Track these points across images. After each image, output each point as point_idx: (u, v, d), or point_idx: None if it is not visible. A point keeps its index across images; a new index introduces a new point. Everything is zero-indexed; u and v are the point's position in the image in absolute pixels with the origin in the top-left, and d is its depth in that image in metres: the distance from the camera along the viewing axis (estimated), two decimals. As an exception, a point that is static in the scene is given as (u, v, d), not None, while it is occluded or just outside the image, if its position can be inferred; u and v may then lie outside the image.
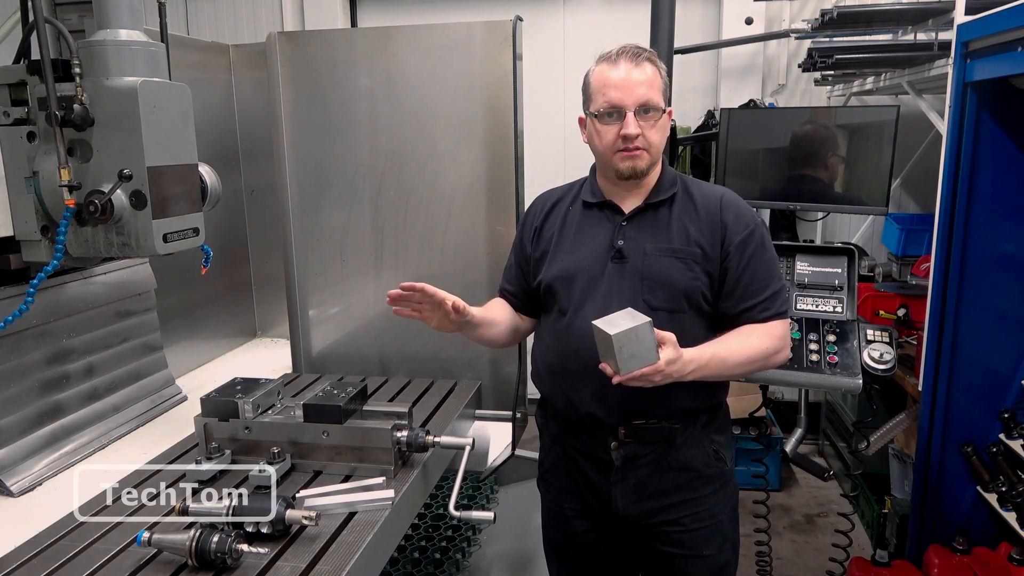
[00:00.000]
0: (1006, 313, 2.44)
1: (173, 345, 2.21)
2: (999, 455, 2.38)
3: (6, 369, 1.60)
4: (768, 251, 1.62)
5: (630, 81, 1.53)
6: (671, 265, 1.58)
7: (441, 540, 2.23)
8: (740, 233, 1.58)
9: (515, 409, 2.10)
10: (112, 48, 1.43)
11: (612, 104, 1.54)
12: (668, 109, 1.60)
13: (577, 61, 4.67)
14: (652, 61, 1.56)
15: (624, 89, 1.53)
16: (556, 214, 1.73)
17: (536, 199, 1.81)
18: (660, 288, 1.58)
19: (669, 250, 1.59)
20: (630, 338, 1.35)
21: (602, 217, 1.66)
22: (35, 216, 1.51)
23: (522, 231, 1.79)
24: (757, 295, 1.60)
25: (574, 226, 1.69)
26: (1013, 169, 2.32)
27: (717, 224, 1.59)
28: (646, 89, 1.53)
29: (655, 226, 1.62)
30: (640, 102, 1.53)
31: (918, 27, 2.95)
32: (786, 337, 1.64)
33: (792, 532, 3.55)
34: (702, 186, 1.67)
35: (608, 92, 1.54)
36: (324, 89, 2.15)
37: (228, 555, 1.14)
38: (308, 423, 1.49)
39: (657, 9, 3.13)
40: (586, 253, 1.64)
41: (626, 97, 1.53)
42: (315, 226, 2.24)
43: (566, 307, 1.64)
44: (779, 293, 1.63)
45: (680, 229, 1.60)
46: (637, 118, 1.53)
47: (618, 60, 1.55)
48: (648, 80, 1.54)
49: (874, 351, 2.43)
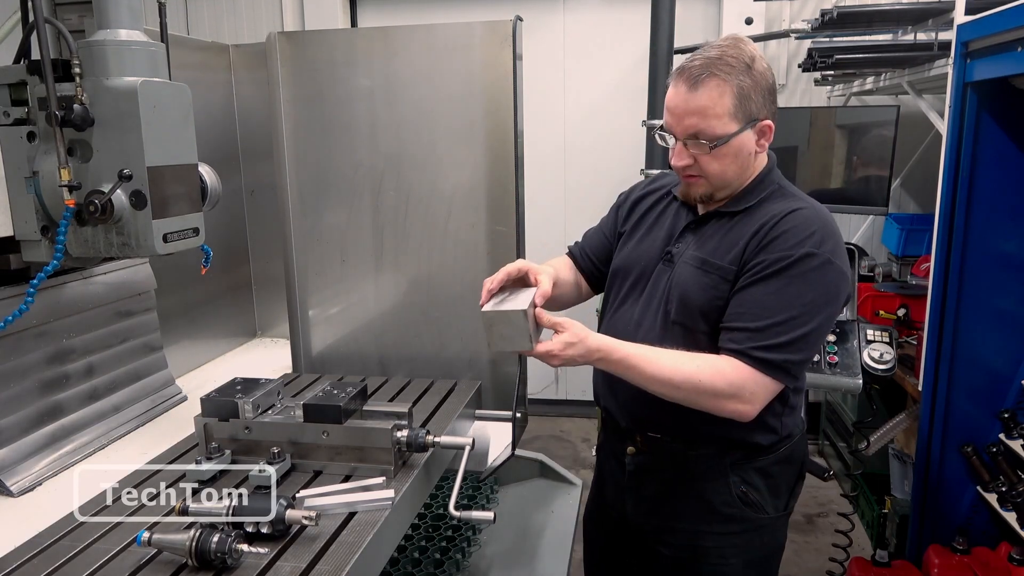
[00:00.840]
0: (1006, 313, 2.44)
1: (173, 345, 2.20)
2: (999, 455, 2.38)
3: (6, 369, 1.60)
4: (799, 286, 1.33)
5: (681, 108, 1.39)
6: (695, 278, 1.45)
7: (441, 540, 2.23)
8: (774, 252, 1.36)
9: (515, 409, 2.09)
10: (112, 48, 1.42)
11: (667, 128, 1.43)
12: (740, 131, 1.38)
13: (577, 61, 4.67)
14: (717, 77, 1.35)
15: (675, 115, 1.40)
16: (651, 198, 1.65)
17: (646, 178, 1.74)
18: (677, 301, 1.46)
19: (700, 260, 1.45)
20: (500, 320, 1.36)
21: (677, 215, 1.56)
22: (35, 216, 1.51)
23: (621, 203, 1.72)
24: (739, 319, 1.37)
25: (653, 218, 1.61)
26: (1013, 169, 2.33)
27: (760, 239, 1.39)
28: (698, 119, 1.37)
29: (712, 235, 1.47)
30: (689, 132, 1.39)
31: (918, 27, 2.95)
32: (746, 390, 1.34)
33: (792, 532, 3.54)
34: (786, 200, 1.45)
35: (665, 114, 1.43)
36: (324, 89, 2.15)
37: (228, 555, 1.14)
38: (308, 423, 1.48)
39: (657, 9, 3.14)
40: (646, 248, 1.58)
41: (675, 124, 1.41)
42: (315, 226, 2.24)
43: (613, 300, 1.62)
44: (774, 333, 1.33)
45: (730, 242, 1.43)
46: (689, 146, 1.40)
47: (677, 80, 1.39)
48: (703, 107, 1.36)
49: (874, 351, 2.43)
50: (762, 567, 1.62)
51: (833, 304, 1.38)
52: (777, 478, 1.56)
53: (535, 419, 4.74)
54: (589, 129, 4.68)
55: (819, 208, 1.44)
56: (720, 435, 1.49)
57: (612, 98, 4.60)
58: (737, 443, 1.50)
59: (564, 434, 4.73)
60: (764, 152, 1.49)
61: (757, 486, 1.53)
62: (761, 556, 1.59)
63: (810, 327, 1.35)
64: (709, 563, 1.56)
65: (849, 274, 1.43)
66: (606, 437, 1.75)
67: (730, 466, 1.52)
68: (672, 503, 1.58)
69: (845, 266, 1.40)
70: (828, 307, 1.37)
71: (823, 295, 1.35)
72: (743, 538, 1.55)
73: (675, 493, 1.57)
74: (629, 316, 1.56)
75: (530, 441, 4.47)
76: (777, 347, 1.34)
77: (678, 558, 1.60)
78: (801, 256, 1.34)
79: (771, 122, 1.44)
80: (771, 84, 1.43)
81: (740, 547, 1.55)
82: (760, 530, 1.56)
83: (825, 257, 1.35)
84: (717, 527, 1.54)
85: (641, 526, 1.64)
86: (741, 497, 1.53)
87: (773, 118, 1.45)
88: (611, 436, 1.70)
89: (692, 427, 1.49)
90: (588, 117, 4.66)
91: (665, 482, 1.58)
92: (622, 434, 1.63)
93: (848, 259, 1.45)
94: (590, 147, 4.69)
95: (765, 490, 1.54)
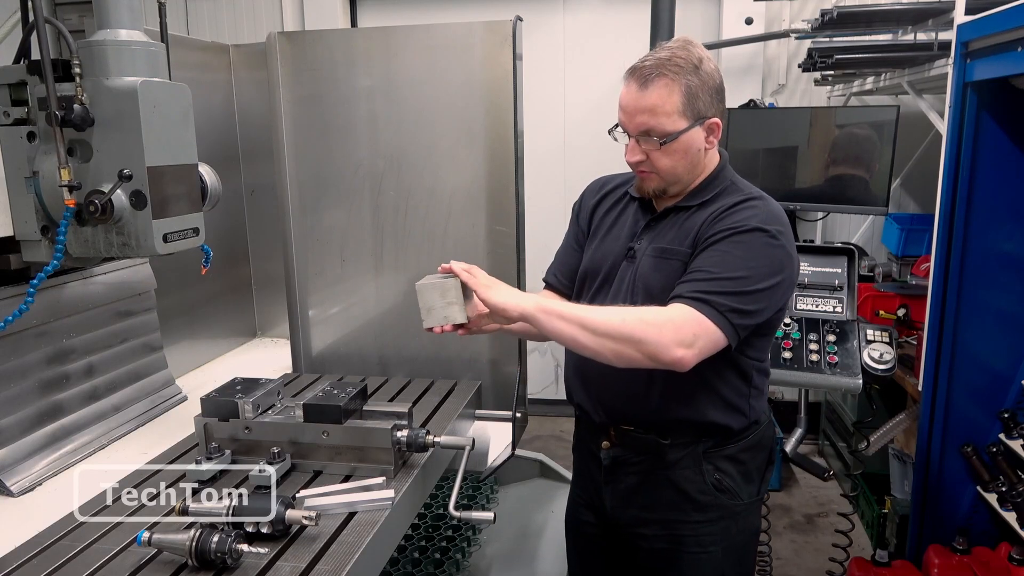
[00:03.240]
0: (1006, 313, 2.44)
1: (173, 345, 2.21)
2: (999, 455, 2.38)
3: (6, 369, 1.60)
4: (745, 251, 1.39)
5: (633, 106, 1.46)
6: (656, 267, 1.52)
7: (441, 540, 2.23)
8: (724, 224, 1.44)
9: (515, 409, 2.09)
10: (112, 48, 1.42)
11: (620, 124, 1.51)
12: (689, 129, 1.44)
13: (577, 61, 4.66)
14: (667, 76, 1.42)
15: (627, 113, 1.47)
16: (608, 200, 1.70)
17: (593, 181, 1.77)
18: (642, 291, 1.52)
19: (660, 250, 1.53)
20: (431, 291, 1.45)
21: (636, 214, 1.62)
22: (35, 216, 1.51)
23: (578, 212, 1.76)
24: (687, 278, 1.42)
25: (613, 218, 1.66)
26: (1013, 169, 2.32)
27: (712, 219, 1.47)
28: (648, 116, 1.44)
29: (670, 227, 1.54)
30: (640, 130, 1.46)
31: (918, 27, 2.95)
32: (687, 331, 1.33)
33: (792, 532, 3.55)
34: (741, 194, 1.51)
35: (619, 112, 1.50)
36: (324, 89, 2.15)
37: (228, 555, 1.14)
38: (308, 423, 1.49)
39: (657, 9, 3.14)
40: (609, 247, 1.62)
41: (628, 122, 1.48)
42: (315, 226, 2.24)
43: (583, 301, 1.64)
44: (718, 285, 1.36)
45: (687, 230, 1.50)
46: (641, 143, 1.47)
47: (629, 80, 1.47)
48: (653, 106, 1.43)
49: (874, 351, 2.43)
50: (740, 552, 1.66)
51: (778, 276, 1.41)
52: (748, 464, 1.61)
53: (535, 419, 4.74)
54: (589, 129, 4.66)
55: (772, 202, 1.51)
56: (692, 421, 1.54)
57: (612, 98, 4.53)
58: (708, 428, 1.55)
59: (564, 434, 4.73)
60: (714, 149, 1.55)
61: (730, 473, 1.59)
62: (739, 542, 1.64)
63: (754, 287, 1.39)
64: (689, 552, 1.60)
65: (796, 261, 1.49)
66: (580, 434, 1.79)
67: (703, 454, 1.57)
68: (648, 494, 1.62)
69: (793, 252, 1.46)
70: (772, 277, 1.41)
71: (767, 265, 1.40)
72: (719, 525, 1.60)
73: (651, 484, 1.61)
74: None
75: (530, 441, 4.47)
76: (721, 294, 1.37)
77: (658, 549, 1.63)
78: (751, 228, 1.41)
79: (719, 120, 1.51)
80: (719, 84, 1.50)
81: (717, 534, 1.60)
82: (735, 516, 1.61)
83: (774, 234, 1.42)
84: (694, 516, 1.59)
85: (620, 519, 1.67)
86: (715, 484, 1.58)
87: (721, 117, 1.52)
88: (585, 432, 1.74)
89: (664, 416, 1.54)
90: (588, 117, 4.65)
91: (640, 474, 1.62)
92: (595, 429, 1.67)
93: (796, 252, 1.49)
94: (590, 147, 4.68)
95: (738, 476, 1.59)
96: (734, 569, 1.65)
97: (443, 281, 1.46)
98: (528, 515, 2.66)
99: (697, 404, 1.52)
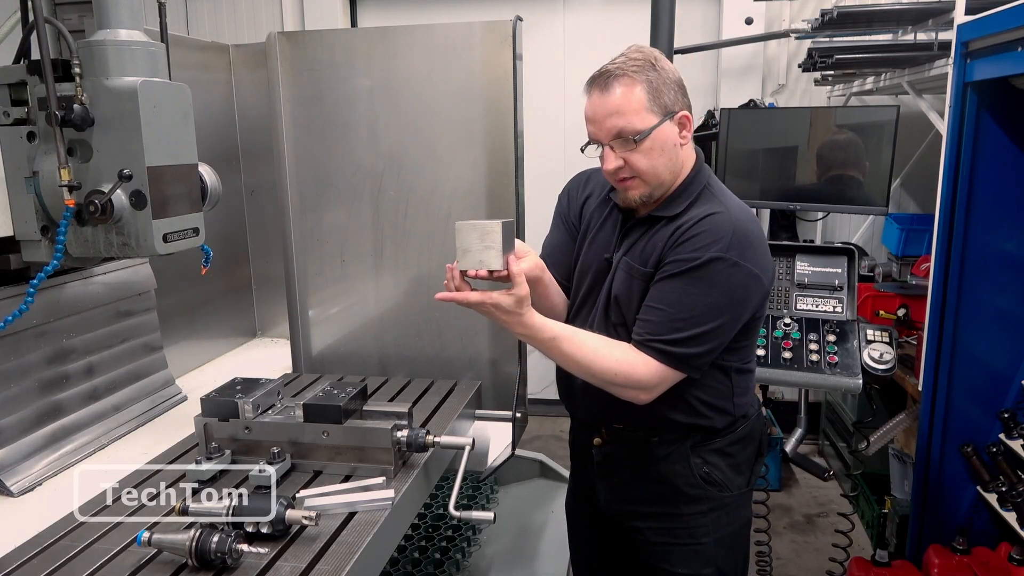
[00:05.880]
0: (1006, 313, 2.44)
1: (173, 345, 2.21)
2: (999, 455, 2.38)
3: (6, 369, 1.60)
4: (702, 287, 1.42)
5: (600, 112, 1.45)
6: (625, 283, 1.54)
7: (441, 540, 2.23)
8: (684, 252, 1.44)
9: (515, 409, 2.09)
10: (112, 48, 1.42)
11: (591, 138, 1.49)
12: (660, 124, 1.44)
13: (577, 61, 4.66)
14: (626, 76, 1.43)
15: (595, 122, 1.46)
16: (594, 199, 1.69)
17: (576, 175, 1.77)
18: (614, 304, 1.56)
19: (629, 266, 1.54)
20: (473, 231, 1.38)
21: (614, 221, 1.63)
22: (35, 216, 1.51)
23: (567, 206, 1.75)
24: (647, 312, 1.46)
25: (599, 221, 1.66)
26: (1013, 169, 2.33)
27: (675, 239, 1.47)
28: (617, 117, 1.42)
29: (639, 240, 1.55)
30: (612, 134, 1.44)
31: (918, 27, 2.95)
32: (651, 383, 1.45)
33: (792, 532, 3.55)
34: (710, 203, 1.50)
35: (587, 125, 1.49)
36: (324, 89, 2.15)
37: (228, 555, 1.14)
38: (308, 423, 1.49)
39: (657, 9, 3.13)
40: (594, 252, 1.65)
41: (598, 130, 1.46)
42: (315, 226, 2.24)
43: (574, 300, 1.69)
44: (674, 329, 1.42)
45: (652, 247, 1.51)
46: (616, 149, 1.45)
47: (590, 90, 1.47)
48: (618, 106, 1.42)
49: (874, 351, 2.43)
50: (732, 542, 1.69)
51: (740, 305, 1.46)
52: (737, 456, 1.64)
53: (535, 419, 4.73)
54: (589, 129, 4.67)
55: (737, 211, 1.49)
56: (678, 421, 1.58)
57: (612, 98, 4.58)
58: (694, 427, 1.59)
59: (564, 434, 4.70)
60: (688, 144, 1.54)
61: (719, 466, 1.62)
62: (730, 532, 1.67)
63: (710, 325, 1.43)
64: (682, 543, 1.64)
65: (766, 272, 1.48)
66: (574, 431, 1.84)
67: (691, 449, 1.60)
68: (640, 488, 1.65)
69: (758, 267, 1.45)
70: (732, 308, 1.45)
71: (726, 297, 1.43)
72: (711, 516, 1.63)
73: (642, 478, 1.64)
74: (586, 316, 1.65)
75: (530, 441, 4.47)
76: (677, 342, 1.43)
77: (652, 542, 1.67)
78: (707, 260, 1.41)
79: (688, 113, 1.50)
80: (678, 79, 1.49)
81: (709, 526, 1.63)
82: (726, 507, 1.64)
83: (732, 260, 1.42)
84: (685, 508, 1.62)
85: (614, 513, 1.71)
86: (704, 477, 1.61)
87: (689, 110, 1.51)
88: (578, 429, 1.80)
89: (650, 418, 1.57)
90: (588, 117, 4.65)
91: (631, 469, 1.65)
92: (587, 427, 1.72)
93: (768, 256, 1.50)
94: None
95: (727, 469, 1.63)
96: (727, 559, 1.69)
97: (484, 223, 1.39)
98: (528, 515, 2.67)
99: (681, 407, 1.56)
